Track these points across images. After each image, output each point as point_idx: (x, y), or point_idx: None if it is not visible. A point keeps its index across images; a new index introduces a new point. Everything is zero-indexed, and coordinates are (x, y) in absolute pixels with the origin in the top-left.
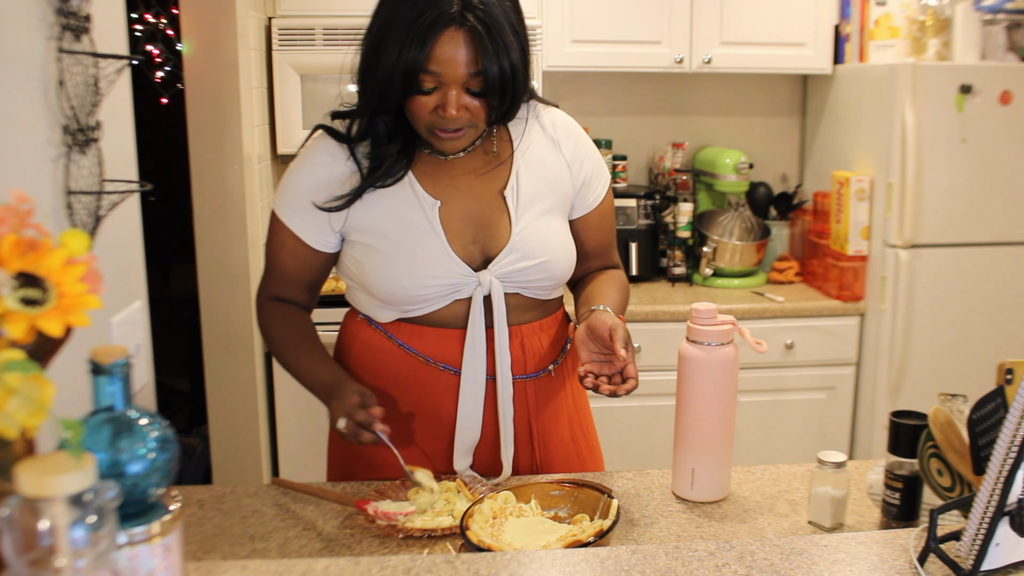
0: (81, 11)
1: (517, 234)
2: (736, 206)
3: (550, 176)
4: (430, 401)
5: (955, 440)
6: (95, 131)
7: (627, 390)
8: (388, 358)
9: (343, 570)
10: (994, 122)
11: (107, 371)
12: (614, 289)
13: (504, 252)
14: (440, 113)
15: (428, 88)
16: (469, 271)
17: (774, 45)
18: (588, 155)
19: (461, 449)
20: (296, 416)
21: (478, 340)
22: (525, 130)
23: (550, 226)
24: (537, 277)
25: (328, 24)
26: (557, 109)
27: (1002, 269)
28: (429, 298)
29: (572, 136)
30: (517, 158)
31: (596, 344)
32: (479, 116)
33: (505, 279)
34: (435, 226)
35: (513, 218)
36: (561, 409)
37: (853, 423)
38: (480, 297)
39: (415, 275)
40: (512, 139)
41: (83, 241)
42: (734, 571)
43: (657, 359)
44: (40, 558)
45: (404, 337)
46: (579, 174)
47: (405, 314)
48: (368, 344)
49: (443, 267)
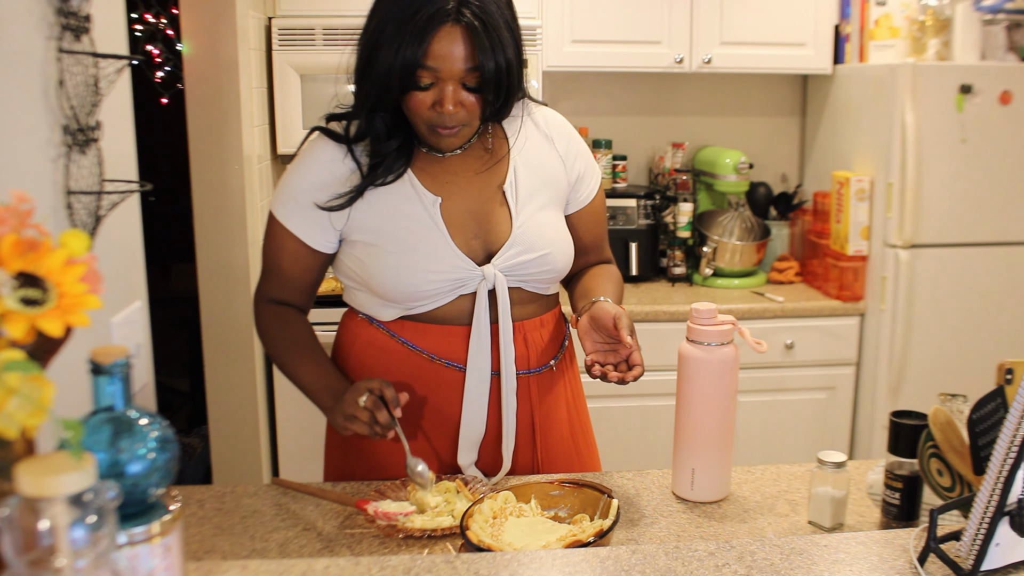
0: (81, 11)
1: (518, 228)
2: (736, 206)
3: (546, 171)
4: (435, 398)
5: (955, 440)
6: (95, 131)
7: (635, 376)
8: (391, 357)
9: (343, 570)
10: (994, 122)
11: (107, 371)
12: (610, 282)
13: (506, 246)
14: (438, 109)
15: (425, 84)
16: (473, 265)
17: (774, 45)
18: (580, 152)
19: (466, 445)
20: (296, 416)
21: (483, 335)
22: (520, 127)
23: (549, 220)
24: (539, 270)
25: (328, 24)
26: (548, 108)
27: (1002, 269)
28: (434, 294)
29: (565, 133)
30: (514, 154)
31: (600, 334)
32: (475, 112)
33: (508, 272)
34: (437, 222)
35: (513, 212)
36: (561, 405)
37: (853, 423)
38: (484, 292)
39: (419, 271)
40: (508, 136)
41: (83, 241)
42: (734, 571)
43: (657, 359)
44: (40, 558)
45: (408, 335)
46: (573, 169)
47: (409, 311)
48: (370, 343)
49: (447, 262)
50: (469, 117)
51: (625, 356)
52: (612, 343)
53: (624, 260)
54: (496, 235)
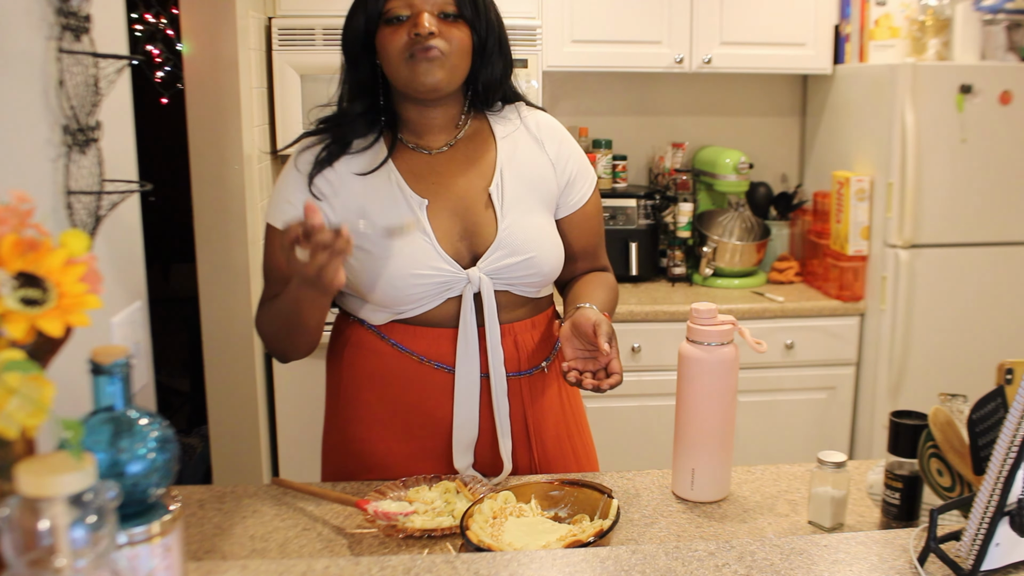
0: (81, 11)
1: (504, 231)
2: (736, 206)
3: (534, 175)
4: (426, 401)
5: (955, 440)
6: (95, 131)
7: (610, 384)
8: (381, 359)
9: (343, 570)
10: (994, 122)
11: (107, 371)
12: (600, 289)
13: (491, 249)
14: (411, 34)
15: (398, 15)
16: (459, 268)
17: (774, 45)
18: (573, 155)
19: (460, 447)
20: (296, 416)
21: (470, 337)
22: (510, 132)
23: (536, 223)
24: (524, 273)
25: (328, 24)
26: (543, 112)
27: (1002, 269)
28: (420, 297)
29: (557, 136)
30: (502, 157)
31: (581, 340)
32: (452, 41)
33: (494, 275)
34: (424, 225)
35: (499, 215)
36: (555, 406)
37: (853, 423)
38: (470, 295)
39: (405, 275)
40: (496, 138)
41: (83, 241)
42: (734, 571)
43: (657, 359)
44: (40, 558)
45: (398, 337)
46: (563, 173)
47: (398, 315)
48: (361, 346)
49: (432, 265)
50: (447, 47)
51: (604, 364)
52: (592, 350)
53: (624, 260)
54: (482, 238)
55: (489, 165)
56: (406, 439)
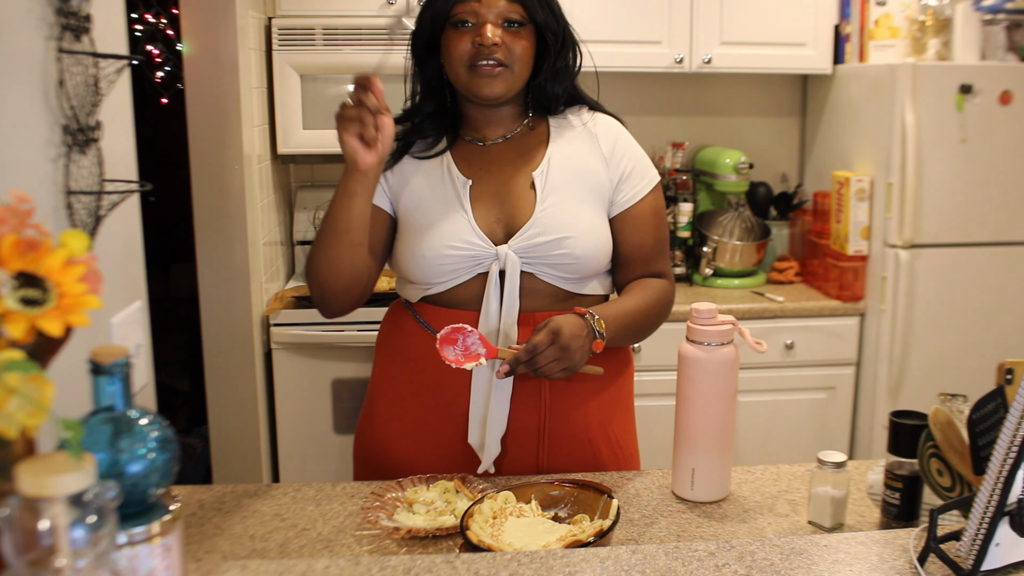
0: (81, 11)
1: (540, 212)
2: (736, 206)
3: (584, 168)
4: (446, 381)
5: (955, 440)
6: (95, 131)
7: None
8: (408, 336)
9: (343, 570)
10: (994, 122)
11: (107, 371)
12: (630, 296)
13: (525, 227)
14: (476, 43)
15: (464, 20)
16: (489, 243)
17: (774, 45)
18: (629, 152)
19: (475, 424)
20: (296, 416)
21: (491, 318)
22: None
23: (577, 210)
24: (555, 253)
25: (328, 24)
26: (609, 116)
27: (1002, 269)
28: (449, 272)
29: (613, 134)
30: (552, 148)
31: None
32: (514, 52)
33: (523, 254)
34: (463, 202)
35: (539, 197)
36: (583, 409)
37: (853, 423)
38: (496, 271)
39: (438, 245)
40: (551, 132)
41: (83, 241)
42: (734, 571)
43: (657, 359)
44: (40, 558)
45: (426, 316)
46: (616, 168)
47: (428, 291)
48: (395, 323)
49: (465, 239)
50: (509, 57)
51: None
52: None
53: None
54: (518, 219)
55: (539, 156)
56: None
